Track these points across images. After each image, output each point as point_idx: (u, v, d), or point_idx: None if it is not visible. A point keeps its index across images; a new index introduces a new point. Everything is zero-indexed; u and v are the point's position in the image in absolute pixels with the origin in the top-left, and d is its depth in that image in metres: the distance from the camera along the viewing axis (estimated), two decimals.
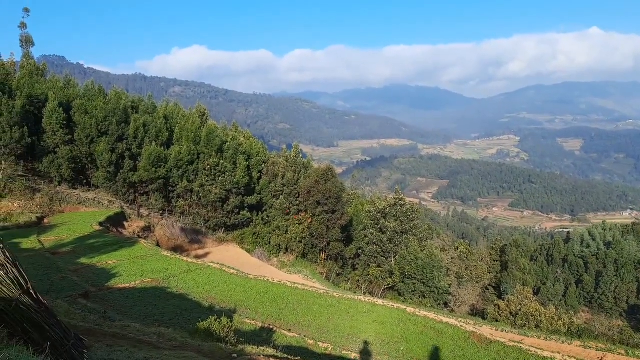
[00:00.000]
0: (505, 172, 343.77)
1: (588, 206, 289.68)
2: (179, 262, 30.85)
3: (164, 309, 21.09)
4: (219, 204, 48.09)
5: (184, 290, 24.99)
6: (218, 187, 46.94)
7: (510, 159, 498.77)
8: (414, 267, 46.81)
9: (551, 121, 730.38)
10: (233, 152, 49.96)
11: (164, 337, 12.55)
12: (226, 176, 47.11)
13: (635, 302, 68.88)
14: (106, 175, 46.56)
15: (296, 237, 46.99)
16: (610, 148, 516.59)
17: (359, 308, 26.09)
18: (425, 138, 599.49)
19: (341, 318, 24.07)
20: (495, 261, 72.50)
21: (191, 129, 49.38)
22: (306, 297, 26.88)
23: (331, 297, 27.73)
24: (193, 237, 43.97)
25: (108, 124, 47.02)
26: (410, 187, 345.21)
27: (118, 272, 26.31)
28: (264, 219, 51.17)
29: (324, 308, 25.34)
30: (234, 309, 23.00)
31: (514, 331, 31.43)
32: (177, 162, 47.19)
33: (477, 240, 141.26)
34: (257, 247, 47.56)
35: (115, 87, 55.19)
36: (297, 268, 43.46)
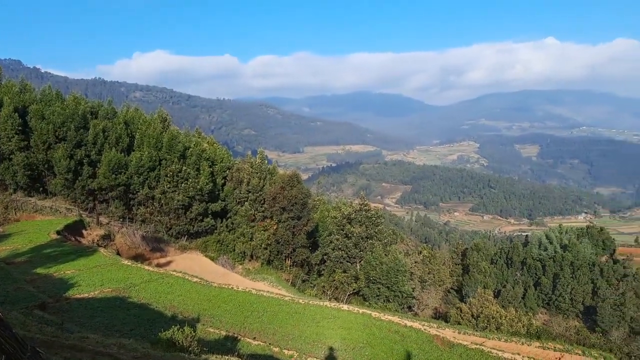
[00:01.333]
0: (466, 178, 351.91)
1: (545, 210, 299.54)
2: (140, 271, 30.14)
3: (124, 319, 20.56)
4: (182, 211, 47.29)
5: (145, 299, 24.42)
6: (181, 194, 46.16)
7: (471, 165, 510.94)
8: (379, 272, 47.25)
9: (509, 128, 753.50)
10: (196, 158, 49.29)
11: (124, 348, 12.23)
12: (189, 183, 46.40)
13: (591, 303, 71.42)
14: (64, 183, 45.10)
15: (261, 243, 46.68)
16: (565, 154, 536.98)
17: (324, 314, 26.11)
18: (389, 144, 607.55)
19: (307, 324, 24.03)
20: (457, 265, 73.96)
21: (153, 134, 48.43)
22: (271, 305, 26.71)
23: (297, 303, 27.66)
24: (155, 245, 43.05)
25: (66, 129, 45.62)
26: (375, 192, 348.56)
27: (76, 282, 25.49)
28: (229, 226, 50.61)
29: (289, 315, 25.24)
30: (198, 317, 22.64)
31: (476, 333, 32.10)
32: (138, 169, 46.18)
33: (439, 244, 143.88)
34: (221, 254, 46.96)
35: (73, 92, 53.55)
36: (262, 275, 43.14)
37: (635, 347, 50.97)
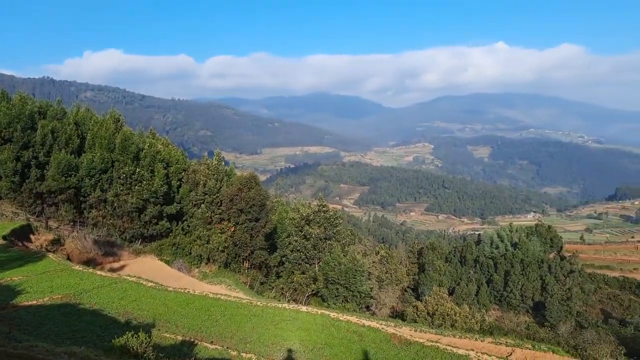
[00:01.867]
0: (421, 179, 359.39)
1: (496, 209, 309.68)
2: (92, 277, 29.15)
3: (76, 326, 19.84)
4: (136, 214, 46.03)
5: (98, 305, 23.65)
6: (134, 197, 44.93)
7: (426, 166, 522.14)
8: (337, 273, 47.53)
9: (462, 130, 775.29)
10: (150, 159, 48.09)
11: (75, 356, 11.83)
12: (143, 185, 45.22)
13: (540, 298, 74.35)
14: (10, 186, 43.04)
15: (218, 246, 46.06)
16: (515, 155, 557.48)
17: (283, 316, 26.03)
18: (347, 145, 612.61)
19: (265, 327, 23.90)
20: (414, 264, 75.42)
21: (105, 135, 46.90)
22: (229, 308, 26.40)
23: (255, 306, 27.45)
24: (107, 250, 41.72)
25: (12, 130, 43.57)
26: (334, 193, 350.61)
27: (24, 288, 24.38)
28: (184, 229, 49.66)
29: (247, 318, 25.03)
30: (153, 323, 22.12)
31: (432, 331, 32.78)
32: (89, 171, 44.64)
33: (396, 244, 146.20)
34: (177, 258, 46.02)
35: (20, 92, 51.17)
36: (219, 278, 42.57)
37: (581, 340, 53.29)
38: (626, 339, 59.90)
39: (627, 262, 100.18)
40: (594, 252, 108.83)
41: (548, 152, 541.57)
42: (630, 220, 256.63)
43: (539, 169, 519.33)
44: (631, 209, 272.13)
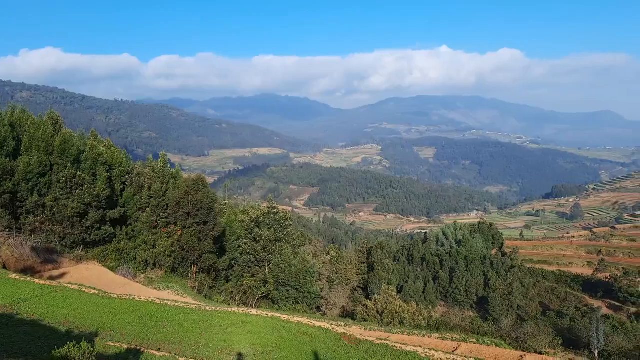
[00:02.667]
0: (370, 179, 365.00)
1: (441, 208, 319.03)
2: (30, 285, 27.74)
3: (12, 337, 18.83)
4: (77, 219, 44.13)
5: (36, 315, 22.55)
6: (75, 201, 43.09)
7: (374, 167, 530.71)
8: (288, 274, 47.49)
9: (408, 131, 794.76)
10: (92, 162, 46.27)
11: None
12: (84, 189, 43.43)
13: (483, 294, 77.18)
14: None
15: (165, 251, 44.94)
16: (459, 155, 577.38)
17: (232, 320, 25.77)
18: (297, 147, 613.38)
19: (214, 332, 23.58)
20: (363, 263, 76.41)
21: (43, 137, 44.72)
22: (176, 314, 25.87)
23: (203, 311, 27.03)
24: (46, 257, 39.79)
25: None
26: (283, 195, 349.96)
27: None
28: (129, 234, 48.09)
29: (195, 323, 24.61)
30: (96, 332, 21.34)
31: (381, 329, 33.44)
32: (26, 175, 42.42)
33: (346, 244, 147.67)
34: (122, 264, 44.49)
35: None
36: (166, 284, 41.55)
37: (522, 332, 55.78)
38: (563, 330, 63.25)
39: (563, 256, 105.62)
40: (533, 247, 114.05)
41: (489, 153, 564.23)
42: (565, 217, 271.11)
43: (481, 168, 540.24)
44: (566, 206, 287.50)
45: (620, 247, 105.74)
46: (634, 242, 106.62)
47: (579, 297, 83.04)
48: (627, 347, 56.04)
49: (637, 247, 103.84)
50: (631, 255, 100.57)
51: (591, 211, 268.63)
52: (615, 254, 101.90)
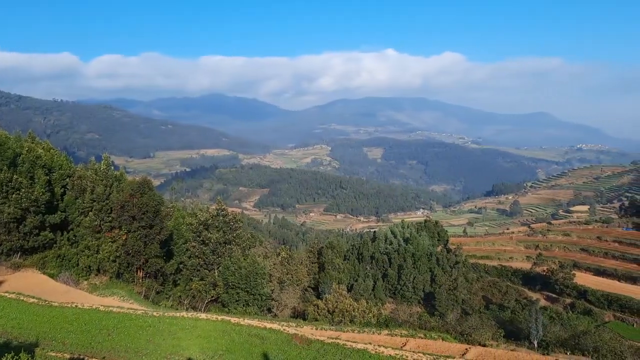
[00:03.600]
0: (320, 180, 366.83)
1: (389, 207, 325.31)
2: None
3: None
4: (14, 225, 41.89)
5: None
6: (12, 206, 40.89)
7: (324, 167, 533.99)
8: (238, 277, 47.04)
9: (357, 132, 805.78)
10: (30, 165, 44.06)
11: None
12: (22, 193, 41.29)
13: (430, 290, 79.36)
14: None
15: (109, 256, 43.43)
16: (405, 156, 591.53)
17: (181, 325, 25.32)
18: (246, 148, 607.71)
19: (162, 337, 23.09)
20: (314, 263, 76.76)
21: None
22: (122, 320, 25.12)
23: (150, 317, 26.38)
24: None
25: None
26: (233, 196, 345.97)
27: None
28: (71, 239, 46.13)
29: (142, 329, 24.00)
30: (36, 342, 20.42)
31: (332, 328, 33.76)
32: None
33: (296, 244, 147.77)
34: (63, 270, 42.60)
35: None
36: (111, 290, 40.17)
37: (466, 326, 57.71)
38: (504, 322, 66.02)
39: (504, 251, 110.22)
40: (475, 243, 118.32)
41: (434, 153, 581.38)
42: (505, 213, 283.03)
43: (427, 168, 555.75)
44: (506, 203, 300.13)
45: (556, 241, 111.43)
46: (569, 237, 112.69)
47: (519, 290, 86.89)
48: (564, 337, 59.19)
49: (571, 241, 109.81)
50: (566, 249, 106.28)
51: (529, 208, 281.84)
52: (552, 248, 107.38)
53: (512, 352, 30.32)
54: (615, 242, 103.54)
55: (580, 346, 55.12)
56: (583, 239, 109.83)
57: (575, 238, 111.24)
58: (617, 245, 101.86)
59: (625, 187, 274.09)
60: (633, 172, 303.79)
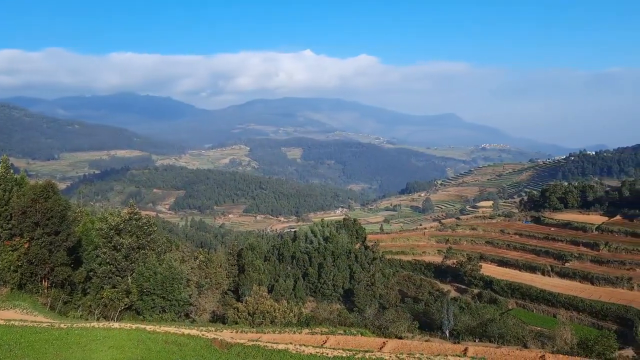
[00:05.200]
0: (239, 180, 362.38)
1: (309, 207, 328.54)
2: None
3: None
4: None
5: None
6: None
7: (243, 168, 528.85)
8: (153, 283, 45.37)
9: (276, 132, 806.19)
10: None
11: None
12: None
13: (349, 286, 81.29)
14: None
15: (10, 266, 40.16)
16: (324, 156, 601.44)
17: (92, 336, 24.05)
18: (160, 149, 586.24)
19: (71, 350, 21.82)
20: (233, 265, 75.87)
21: None
22: (25, 334, 23.41)
23: (57, 329, 24.82)
24: None
25: None
26: (146, 199, 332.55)
27: None
28: None
29: (49, 343, 22.52)
30: None
31: (252, 330, 33.62)
32: None
33: (215, 247, 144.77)
34: None
35: None
36: (12, 302, 37.19)
37: (384, 320, 59.91)
38: (419, 314, 69.29)
39: (417, 246, 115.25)
40: (391, 240, 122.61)
41: (351, 153, 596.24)
42: (418, 210, 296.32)
43: (345, 167, 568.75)
44: (419, 200, 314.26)
45: (464, 235, 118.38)
46: (475, 231, 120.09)
47: (431, 283, 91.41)
48: (473, 325, 63.32)
49: (477, 235, 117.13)
50: (473, 242, 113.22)
51: (440, 204, 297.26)
52: (460, 242, 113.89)
53: (426, 343, 31.89)
54: (516, 234, 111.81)
55: (487, 333, 59.30)
56: (488, 232, 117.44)
57: (481, 232, 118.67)
58: (518, 237, 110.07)
59: (524, 183, 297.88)
60: (530, 169, 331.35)
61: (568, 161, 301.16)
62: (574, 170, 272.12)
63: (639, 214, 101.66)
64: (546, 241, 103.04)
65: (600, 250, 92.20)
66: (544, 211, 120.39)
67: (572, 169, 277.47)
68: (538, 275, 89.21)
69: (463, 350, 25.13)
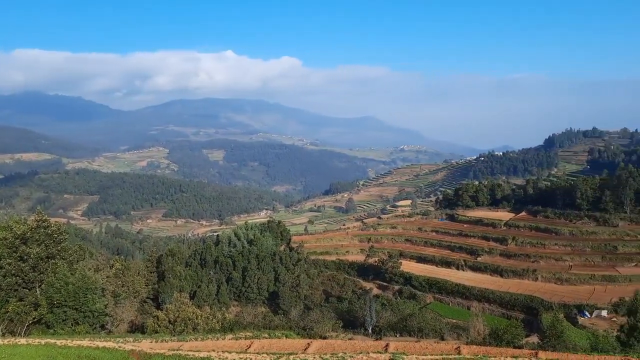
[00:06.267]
0: (157, 184, 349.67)
1: (233, 210, 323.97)
2: None
3: None
4: None
5: None
6: None
7: (161, 170, 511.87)
8: (65, 294, 42.71)
9: (197, 134, 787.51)
10: None
11: None
12: None
13: (274, 289, 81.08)
14: None
15: None
16: (247, 157, 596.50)
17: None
18: (71, 151, 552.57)
19: None
20: (152, 273, 73.19)
21: None
22: None
23: None
24: None
25: None
26: (56, 205, 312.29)
27: None
28: None
29: None
30: None
31: (174, 339, 32.66)
32: None
33: (133, 254, 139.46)
34: None
35: None
36: None
37: (309, 320, 60.33)
38: (343, 313, 70.49)
39: (341, 246, 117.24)
40: (316, 240, 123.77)
41: (275, 154, 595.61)
42: (341, 210, 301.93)
43: (269, 169, 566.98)
44: (342, 201, 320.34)
45: (385, 234, 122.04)
46: (395, 229, 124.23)
47: (355, 282, 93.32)
48: (394, 321, 65.42)
49: (397, 233, 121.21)
50: (393, 240, 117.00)
51: (362, 204, 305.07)
52: (382, 241, 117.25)
53: (349, 342, 32.60)
54: (433, 231, 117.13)
55: (407, 328, 61.54)
56: (407, 230, 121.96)
57: (400, 230, 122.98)
58: (435, 234, 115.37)
59: (440, 182, 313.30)
60: (445, 169, 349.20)
61: (478, 161, 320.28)
62: (484, 170, 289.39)
63: (541, 210, 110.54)
64: (460, 237, 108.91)
65: (508, 245, 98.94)
66: (457, 209, 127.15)
67: (482, 169, 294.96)
68: (453, 270, 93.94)
69: (384, 347, 25.98)
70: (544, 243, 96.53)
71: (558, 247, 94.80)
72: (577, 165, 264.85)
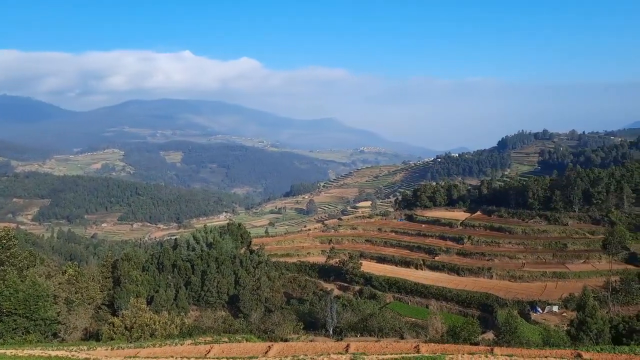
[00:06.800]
0: (112, 187, 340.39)
1: (191, 213, 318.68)
2: None
3: None
4: None
5: None
6: None
7: (117, 173, 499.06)
8: (14, 302, 40.97)
9: (153, 135, 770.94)
10: None
11: None
12: None
13: (234, 292, 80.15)
14: None
15: None
16: (206, 159, 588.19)
17: None
18: (20, 154, 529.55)
19: None
20: (108, 278, 71.14)
21: None
22: None
23: None
24: None
25: None
26: (5, 210, 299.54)
27: None
28: None
29: None
30: None
31: (130, 346, 31.80)
32: None
33: (87, 259, 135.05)
34: None
35: None
36: None
37: (270, 323, 60.08)
38: (304, 315, 70.48)
39: (302, 248, 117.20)
40: (277, 242, 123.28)
41: (235, 156, 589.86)
42: (302, 212, 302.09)
43: (228, 171, 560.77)
44: (303, 203, 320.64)
45: (346, 235, 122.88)
46: (356, 230, 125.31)
47: (316, 283, 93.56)
48: (354, 321, 65.95)
49: (358, 234, 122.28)
50: (354, 241, 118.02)
51: (323, 206, 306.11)
52: (342, 242, 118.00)
53: (310, 343, 32.63)
54: (392, 232, 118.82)
55: (368, 327, 62.17)
56: (367, 231, 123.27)
57: (361, 231, 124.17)
58: (394, 234, 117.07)
59: (399, 183, 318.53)
60: (404, 170, 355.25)
61: (435, 162, 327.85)
62: (441, 171, 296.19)
63: (495, 209, 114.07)
64: (418, 237, 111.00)
65: (464, 244, 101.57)
66: (416, 209, 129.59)
67: (439, 170, 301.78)
68: (412, 269, 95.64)
69: (345, 347, 26.17)
70: (498, 242, 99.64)
71: (512, 245, 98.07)
72: (528, 166, 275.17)
